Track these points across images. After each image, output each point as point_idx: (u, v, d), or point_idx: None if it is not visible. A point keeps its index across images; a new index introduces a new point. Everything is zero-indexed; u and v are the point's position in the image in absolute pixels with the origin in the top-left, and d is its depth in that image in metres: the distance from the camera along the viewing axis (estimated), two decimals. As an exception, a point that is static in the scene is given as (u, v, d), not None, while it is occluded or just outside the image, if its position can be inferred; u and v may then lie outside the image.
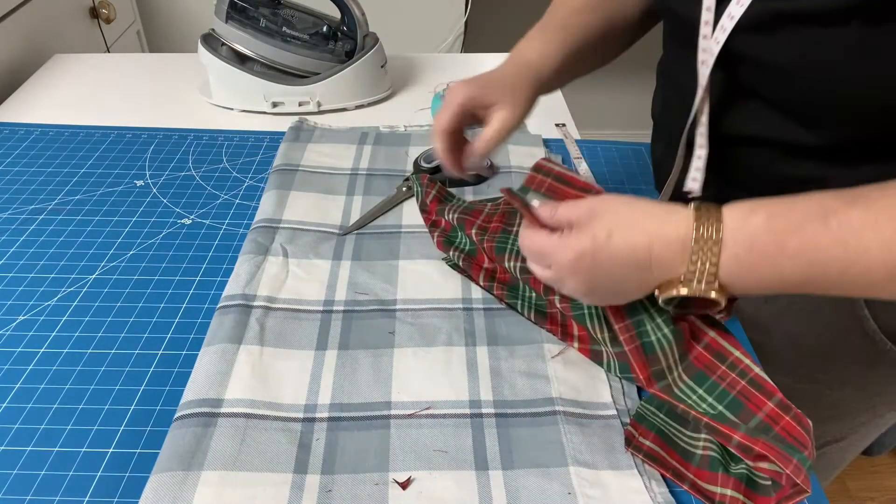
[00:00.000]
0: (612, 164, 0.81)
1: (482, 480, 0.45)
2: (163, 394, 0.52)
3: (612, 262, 0.43)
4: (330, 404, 0.50)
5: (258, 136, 0.85)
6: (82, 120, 0.88)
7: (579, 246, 0.43)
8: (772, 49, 0.46)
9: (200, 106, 0.94)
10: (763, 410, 0.46)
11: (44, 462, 0.47)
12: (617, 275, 0.44)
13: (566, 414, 0.49)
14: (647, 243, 0.42)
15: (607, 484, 0.45)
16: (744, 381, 0.47)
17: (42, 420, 0.49)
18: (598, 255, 0.43)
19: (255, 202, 0.73)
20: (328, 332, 0.56)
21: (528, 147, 0.80)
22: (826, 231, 0.37)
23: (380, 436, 0.48)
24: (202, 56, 0.90)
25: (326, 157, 0.78)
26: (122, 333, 0.57)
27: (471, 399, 0.50)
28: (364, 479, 0.45)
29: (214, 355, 0.52)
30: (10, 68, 1.01)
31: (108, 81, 1.00)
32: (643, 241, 0.42)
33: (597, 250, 0.42)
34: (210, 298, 0.60)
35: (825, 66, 0.44)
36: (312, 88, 0.91)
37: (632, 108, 0.85)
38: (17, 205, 0.71)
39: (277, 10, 0.93)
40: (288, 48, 0.89)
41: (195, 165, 0.79)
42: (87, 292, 0.61)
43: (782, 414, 0.45)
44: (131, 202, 0.72)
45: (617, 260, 0.43)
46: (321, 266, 0.62)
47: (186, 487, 0.43)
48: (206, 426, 0.47)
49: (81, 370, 0.53)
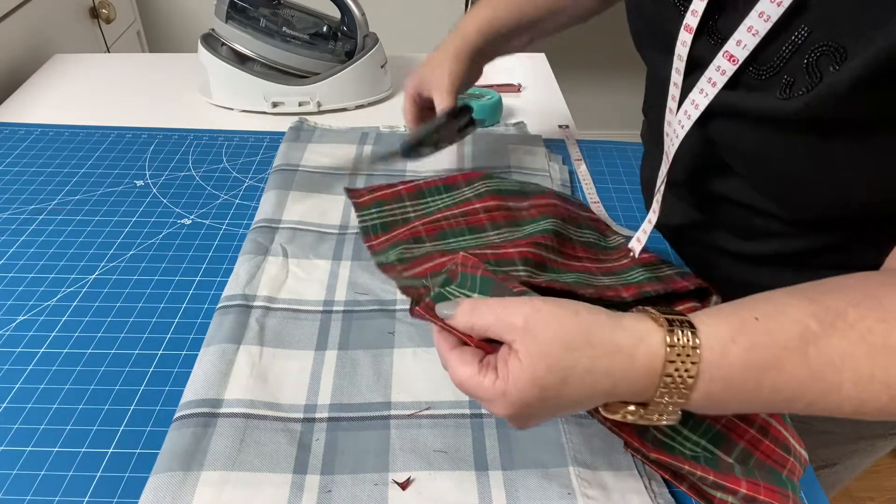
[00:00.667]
0: (612, 164, 0.81)
1: (482, 481, 0.45)
2: (162, 394, 0.52)
3: (563, 406, 0.37)
4: (330, 404, 0.50)
5: (258, 136, 0.85)
6: (82, 120, 0.88)
7: (521, 399, 0.35)
8: (733, 136, 0.46)
9: (200, 106, 0.94)
10: (745, 438, 0.45)
11: (44, 462, 0.47)
12: (564, 412, 0.38)
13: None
14: (610, 386, 0.35)
15: (607, 484, 0.45)
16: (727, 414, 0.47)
17: (42, 420, 0.49)
18: (546, 403, 0.36)
19: (255, 202, 0.73)
20: (328, 332, 0.56)
21: (528, 147, 0.80)
22: (804, 365, 0.34)
23: (379, 436, 0.48)
24: (202, 56, 0.90)
25: (326, 158, 0.78)
26: (122, 333, 0.57)
27: (471, 399, 0.50)
28: (364, 479, 0.45)
29: (214, 355, 0.52)
30: (10, 68, 1.01)
31: (108, 81, 1.00)
32: (605, 386, 0.35)
33: (546, 398, 0.35)
34: (210, 298, 0.60)
35: (782, 162, 0.45)
36: (312, 88, 0.91)
37: (632, 109, 0.84)
38: (17, 205, 0.71)
39: (277, 10, 0.93)
40: (288, 48, 0.89)
41: (195, 165, 0.79)
42: (87, 292, 0.61)
43: (761, 438, 0.45)
44: (131, 202, 0.72)
45: (570, 404, 0.36)
46: (321, 266, 0.62)
47: (186, 487, 0.43)
48: (206, 426, 0.47)
49: (81, 370, 0.53)
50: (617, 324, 0.36)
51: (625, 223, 0.71)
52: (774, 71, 0.41)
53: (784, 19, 0.39)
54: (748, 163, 0.48)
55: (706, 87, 0.45)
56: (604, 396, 0.36)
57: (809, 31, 0.38)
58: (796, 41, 0.39)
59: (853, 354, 0.34)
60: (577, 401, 0.36)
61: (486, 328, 0.37)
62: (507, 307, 0.37)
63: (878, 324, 0.34)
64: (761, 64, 0.41)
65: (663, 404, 0.36)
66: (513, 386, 0.35)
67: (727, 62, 0.43)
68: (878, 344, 0.34)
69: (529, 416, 0.37)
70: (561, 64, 1.18)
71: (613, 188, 0.77)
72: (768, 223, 0.52)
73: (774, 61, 0.40)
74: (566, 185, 0.76)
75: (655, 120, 0.57)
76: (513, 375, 0.35)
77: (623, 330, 0.36)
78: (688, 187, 0.55)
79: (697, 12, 0.44)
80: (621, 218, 0.72)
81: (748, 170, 0.49)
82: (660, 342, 0.35)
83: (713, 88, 0.44)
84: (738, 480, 0.42)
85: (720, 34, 0.44)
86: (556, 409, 0.37)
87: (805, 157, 0.43)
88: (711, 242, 0.58)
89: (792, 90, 0.40)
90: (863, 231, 0.47)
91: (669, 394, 0.35)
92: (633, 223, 0.71)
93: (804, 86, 0.39)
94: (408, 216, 0.64)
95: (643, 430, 0.45)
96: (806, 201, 0.47)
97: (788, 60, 0.40)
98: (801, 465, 0.45)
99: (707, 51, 0.44)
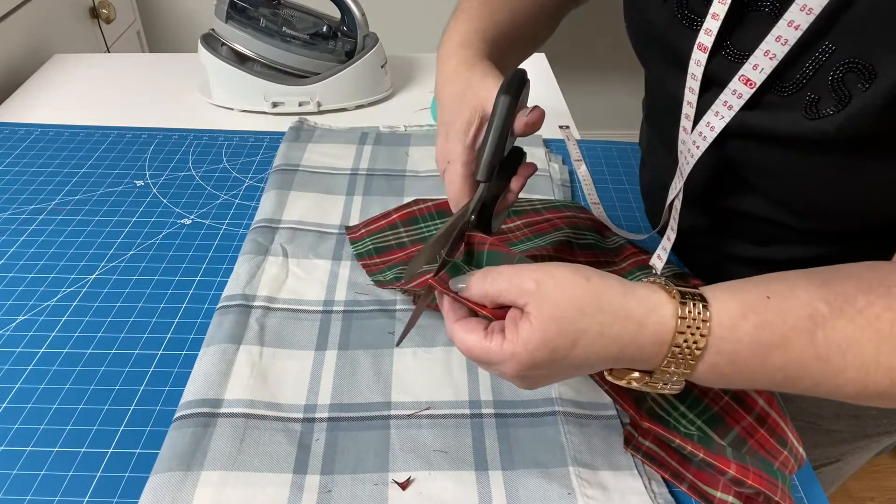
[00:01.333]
0: (612, 165, 0.81)
1: (482, 481, 0.45)
2: (162, 394, 0.52)
3: (571, 369, 0.37)
4: (330, 404, 0.50)
5: (258, 136, 0.85)
6: (82, 120, 0.88)
7: (531, 360, 0.36)
8: (754, 155, 0.46)
9: (200, 106, 0.94)
10: (741, 424, 0.46)
11: (44, 462, 0.47)
12: (570, 374, 0.39)
13: (566, 414, 0.49)
14: (619, 351, 0.36)
15: (607, 484, 0.45)
16: (726, 397, 0.47)
17: (42, 420, 0.49)
18: (555, 365, 0.36)
19: (255, 202, 0.73)
20: (328, 332, 0.56)
21: (528, 147, 0.80)
22: (811, 347, 0.35)
23: (379, 436, 0.48)
24: (202, 56, 0.90)
25: (326, 157, 0.78)
26: (122, 333, 0.57)
27: (470, 399, 0.50)
28: (364, 479, 0.45)
29: (214, 355, 0.52)
30: (10, 68, 1.00)
31: (108, 81, 1.00)
32: (614, 350, 0.36)
33: (555, 361, 0.36)
34: (210, 298, 0.60)
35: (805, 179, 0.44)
36: (312, 88, 0.91)
37: (632, 109, 0.84)
38: (17, 205, 0.71)
39: (277, 10, 0.93)
40: (288, 48, 0.89)
41: (195, 165, 0.79)
42: (87, 292, 0.61)
43: (757, 427, 0.46)
44: (131, 202, 0.72)
45: (578, 367, 0.37)
46: (321, 266, 0.62)
47: (186, 487, 0.43)
48: (206, 426, 0.47)
49: (81, 370, 0.53)
50: (629, 291, 0.36)
51: (625, 224, 0.71)
52: (797, 88, 0.40)
53: (807, 36, 0.38)
54: (768, 180, 0.47)
55: (722, 109, 0.44)
56: (611, 361, 0.37)
57: (834, 48, 0.37)
58: (820, 58, 0.38)
59: (860, 340, 0.35)
60: (585, 363, 0.36)
61: (499, 293, 0.37)
62: (520, 273, 0.37)
63: (885, 312, 0.35)
64: (784, 81, 0.40)
65: (668, 373, 0.37)
66: (523, 347, 0.35)
67: (744, 86, 0.42)
68: (884, 331, 0.35)
69: (537, 378, 0.38)
70: (561, 64, 1.18)
71: (613, 188, 0.77)
72: (786, 233, 0.51)
73: (797, 78, 0.39)
74: (566, 186, 0.76)
75: (663, 131, 0.56)
76: (523, 337, 0.35)
77: (635, 298, 0.36)
78: (702, 201, 0.53)
79: (711, 31, 0.42)
80: (621, 218, 0.72)
81: (768, 186, 0.48)
82: (671, 313, 0.35)
83: (729, 111, 0.43)
84: (729, 462, 0.43)
85: (736, 49, 0.42)
86: (564, 371, 0.37)
87: (829, 173, 0.43)
88: (723, 249, 0.57)
89: (818, 108, 0.39)
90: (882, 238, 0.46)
91: (676, 364, 0.36)
92: (634, 224, 0.71)
93: (832, 105, 0.38)
94: (402, 241, 0.64)
95: (640, 400, 0.45)
96: (828, 214, 0.47)
97: (812, 77, 0.39)
98: (796, 461, 0.45)
99: (723, 68, 0.43)
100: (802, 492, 0.47)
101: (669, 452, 0.47)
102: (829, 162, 0.42)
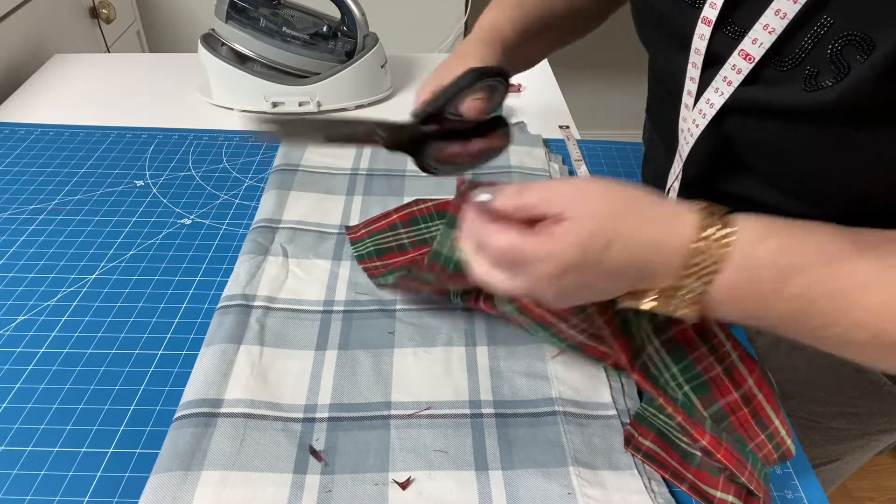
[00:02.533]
0: (612, 165, 0.81)
1: (482, 480, 0.45)
2: (163, 394, 0.52)
3: (601, 276, 0.37)
4: (330, 404, 0.50)
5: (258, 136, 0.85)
6: (82, 120, 0.88)
7: (565, 258, 0.36)
8: (752, 131, 0.46)
9: (200, 106, 0.94)
10: (726, 399, 0.46)
11: (44, 462, 0.47)
12: (600, 287, 0.39)
13: (566, 414, 0.49)
14: (647, 256, 0.36)
15: (607, 484, 0.45)
16: (719, 368, 0.47)
17: (42, 420, 0.50)
18: (587, 271, 0.36)
19: (255, 202, 0.73)
20: (328, 332, 0.56)
21: (528, 147, 0.80)
22: (831, 277, 0.35)
23: (380, 436, 0.48)
24: (202, 56, 0.90)
25: (326, 157, 0.78)
26: (122, 333, 0.57)
27: (471, 399, 0.50)
28: (364, 479, 0.45)
29: (214, 355, 0.52)
30: (10, 68, 1.01)
31: (108, 81, 1.00)
32: (643, 255, 0.36)
33: (587, 265, 0.36)
34: (210, 298, 0.60)
35: (802, 155, 0.44)
36: (312, 88, 0.91)
37: (632, 109, 0.85)
38: (17, 205, 0.71)
39: (277, 10, 0.93)
40: (288, 48, 0.89)
41: (195, 165, 0.79)
42: (87, 292, 0.61)
43: (742, 405, 0.46)
44: (131, 202, 0.72)
45: (608, 274, 0.37)
46: (321, 266, 0.62)
47: (186, 487, 0.43)
48: (206, 426, 0.47)
49: (81, 370, 0.53)
50: (659, 200, 0.38)
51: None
52: (797, 62, 0.40)
53: (805, 10, 0.38)
54: (766, 158, 0.47)
55: (721, 85, 0.44)
56: (636, 271, 0.37)
57: (832, 22, 0.38)
58: (819, 31, 0.38)
59: (880, 282, 0.35)
60: (614, 272, 0.37)
61: (534, 205, 0.37)
62: (554, 186, 0.38)
63: None
64: (783, 56, 0.40)
65: (685, 289, 0.37)
66: (557, 244, 0.36)
67: (743, 60, 0.42)
68: None
69: (567, 287, 0.37)
70: (561, 64, 1.18)
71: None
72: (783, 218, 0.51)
73: (796, 52, 0.40)
74: (566, 185, 0.76)
75: (663, 119, 0.56)
76: (557, 235, 0.36)
77: (665, 205, 0.38)
78: (699, 186, 0.54)
79: (716, 5, 0.43)
80: (621, 218, 0.72)
81: (765, 165, 0.48)
82: (697, 222, 0.36)
83: (729, 87, 0.44)
84: (703, 433, 0.44)
85: (737, 27, 0.43)
86: (594, 279, 0.37)
87: (828, 148, 0.42)
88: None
89: (817, 81, 0.39)
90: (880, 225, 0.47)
91: (697, 275, 0.36)
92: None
93: (831, 77, 0.38)
94: (402, 243, 0.64)
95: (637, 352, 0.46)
96: (824, 196, 0.47)
97: (811, 51, 0.39)
98: (777, 450, 0.45)
99: (724, 45, 0.43)
100: (802, 491, 0.47)
101: (670, 453, 0.47)
102: (827, 136, 0.42)
